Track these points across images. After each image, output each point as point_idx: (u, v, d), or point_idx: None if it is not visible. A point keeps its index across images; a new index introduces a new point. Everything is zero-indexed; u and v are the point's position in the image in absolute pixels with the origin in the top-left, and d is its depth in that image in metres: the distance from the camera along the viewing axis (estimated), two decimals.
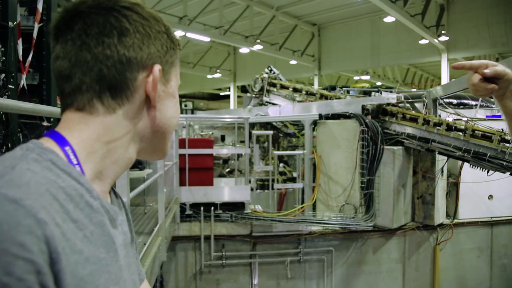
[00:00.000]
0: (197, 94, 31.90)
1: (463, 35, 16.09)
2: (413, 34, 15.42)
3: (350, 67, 20.72)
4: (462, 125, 5.56)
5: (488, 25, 15.47)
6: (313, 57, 20.72)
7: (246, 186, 5.68)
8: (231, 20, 16.91)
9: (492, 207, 6.67)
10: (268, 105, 7.72)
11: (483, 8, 15.53)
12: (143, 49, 0.71)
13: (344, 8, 17.56)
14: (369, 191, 5.75)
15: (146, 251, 3.38)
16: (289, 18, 19.10)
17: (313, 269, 6.20)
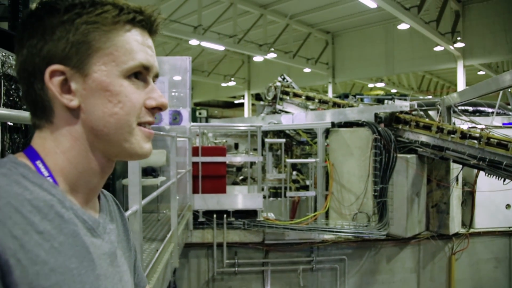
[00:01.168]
0: (211, 102, 32.14)
1: (480, 42, 15.89)
2: (428, 41, 15.28)
3: (364, 74, 20.62)
4: (477, 133, 5.50)
5: (505, 31, 15.25)
6: (327, 65, 20.70)
7: (259, 194, 5.70)
8: (245, 29, 17.06)
9: (510, 217, 6.55)
10: (281, 113, 7.76)
11: (499, 14, 15.33)
12: (39, 52, 0.65)
13: (358, 16, 17.54)
14: (382, 199, 5.71)
15: (158, 258, 3.43)
16: (303, 26, 19.17)
17: (325, 277, 6.16)
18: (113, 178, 5.03)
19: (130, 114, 0.68)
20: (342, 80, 21.68)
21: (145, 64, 0.70)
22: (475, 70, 19.13)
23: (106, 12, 0.66)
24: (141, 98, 0.70)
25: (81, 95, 0.66)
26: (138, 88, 0.70)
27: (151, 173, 5.25)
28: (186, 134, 5.77)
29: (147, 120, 0.71)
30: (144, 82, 0.71)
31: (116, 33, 0.67)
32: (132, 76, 0.69)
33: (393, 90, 23.23)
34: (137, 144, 0.70)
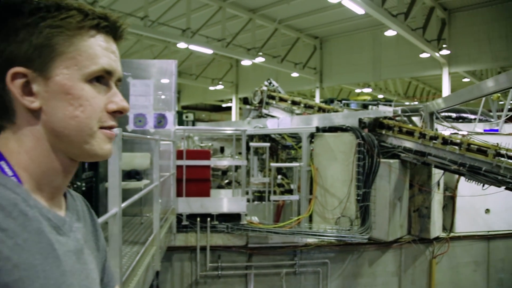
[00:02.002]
0: (199, 106, 32.09)
1: (464, 49, 16.19)
2: (414, 47, 15.53)
3: (352, 80, 20.83)
4: (458, 139, 5.61)
5: (489, 39, 15.57)
6: (315, 70, 20.87)
7: (243, 198, 5.73)
8: (233, 33, 17.12)
9: (489, 221, 6.67)
10: (267, 118, 7.80)
11: (484, 23, 15.66)
12: (1, 54, 0.66)
13: (346, 21, 17.74)
14: (365, 203, 5.78)
15: (139, 261, 3.42)
16: (291, 31, 19.30)
17: (308, 281, 6.20)
18: (96, 181, 5.01)
19: (91, 118, 0.70)
20: (330, 85, 21.88)
21: (108, 68, 0.71)
22: (460, 77, 19.47)
23: (71, 17, 0.68)
24: (102, 102, 0.72)
25: (43, 97, 0.67)
26: (100, 92, 0.71)
27: (134, 176, 5.23)
28: (170, 137, 5.77)
29: (109, 125, 0.73)
30: (106, 86, 0.73)
31: (80, 38, 0.69)
32: (94, 81, 0.70)
33: (380, 95, 23.49)
34: (98, 145, 0.72)
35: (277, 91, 8.15)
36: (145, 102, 5.76)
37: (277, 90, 8.16)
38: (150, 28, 14.49)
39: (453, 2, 16.00)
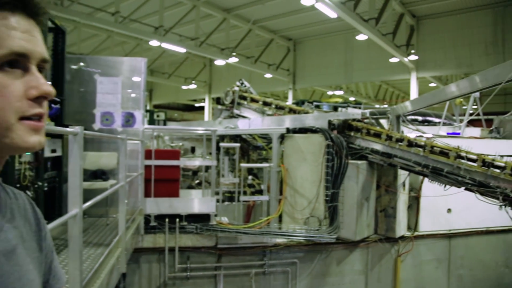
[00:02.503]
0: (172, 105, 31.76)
1: (431, 55, 16.74)
2: (385, 52, 15.92)
3: (324, 82, 21.14)
4: (422, 142, 5.78)
5: (454, 47, 16.18)
6: (288, 71, 21.05)
7: (212, 198, 5.71)
8: (207, 32, 17.05)
9: (450, 220, 6.92)
10: (238, 118, 7.81)
11: (449, 31, 16.24)
12: None
13: (319, 24, 17.99)
14: (333, 204, 5.87)
15: (102, 263, 3.36)
16: (266, 32, 19.40)
17: (277, 281, 6.24)
18: (60, 181, 4.88)
19: (5, 110, 0.62)
20: (303, 87, 22.12)
21: (19, 51, 0.63)
22: (427, 82, 20.10)
23: None
24: (19, 90, 0.64)
25: None
26: (16, 78, 0.64)
27: (100, 176, 5.13)
28: (139, 136, 5.69)
29: (34, 113, 0.66)
30: (24, 70, 0.65)
31: None
32: (5, 66, 0.63)
33: (351, 98, 23.93)
34: (20, 138, 0.65)
35: (248, 91, 8.18)
36: (112, 100, 5.65)
37: (248, 91, 8.19)
38: (122, 24, 14.25)
39: (421, 9, 16.51)
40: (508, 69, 4.51)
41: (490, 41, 15.46)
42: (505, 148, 6.03)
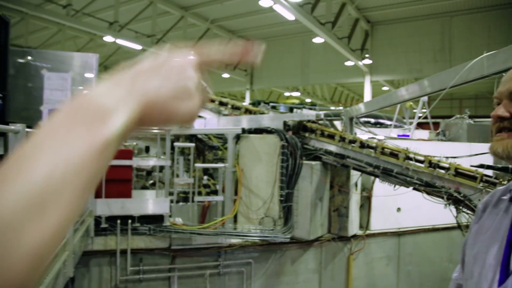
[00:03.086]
0: None
1: (384, 60, 17.39)
2: (340, 55, 16.33)
3: (281, 83, 21.39)
4: (374, 143, 5.97)
5: (405, 52, 16.89)
6: (246, 72, 21.11)
7: (166, 199, 5.61)
8: (164, 29, 16.74)
9: (399, 219, 7.21)
10: None
11: (401, 37, 16.95)
12: None
13: (277, 26, 18.16)
14: (287, 204, 5.94)
15: (47, 267, 3.19)
16: (224, 32, 19.35)
17: (232, 281, 6.23)
18: None
19: None
20: (260, 87, 22.26)
21: None
22: (380, 85, 20.84)
23: None
24: None
25: None
26: None
27: None
28: None
29: None
30: None
31: None
32: None
33: (307, 99, 24.37)
34: None
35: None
36: (61, 97, 5.40)
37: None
38: (74, 18, 13.67)
39: (375, 16, 17.09)
40: (451, 75, 4.75)
41: (438, 48, 16.28)
42: (450, 150, 6.34)
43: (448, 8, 15.62)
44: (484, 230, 1.26)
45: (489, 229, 1.24)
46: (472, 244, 1.29)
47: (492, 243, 1.19)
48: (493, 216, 1.27)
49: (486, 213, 1.31)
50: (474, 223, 1.35)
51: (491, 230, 1.23)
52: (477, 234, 1.29)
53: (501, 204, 1.26)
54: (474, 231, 1.31)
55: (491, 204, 1.32)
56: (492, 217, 1.27)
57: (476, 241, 1.28)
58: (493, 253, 1.17)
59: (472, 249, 1.27)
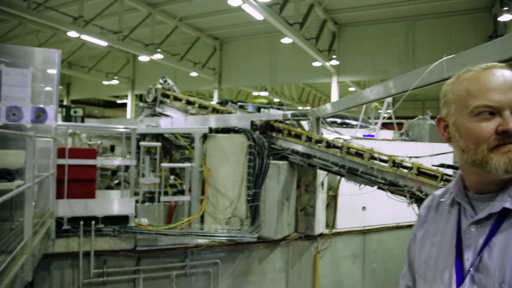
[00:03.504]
0: (92, 101, 30.06)
1: (351, 61, 17.76)
2: (308, 56, 16.53)
3: (249, 82, 21.43)
4: (339, 143, 6.07)
5: (371, 54, 17.31)
6: (214, 71, 21.00)
7: (131, 199, 5.49)
8: (131, 26, 16.40)
9: (365, 217, 7.37)
10: (161, 116, 7.61)
11: (367, 39, 17.36)
12: None
13: (246, 25, 18.18)
14: (255, 203, 5.95)
15: (3, 271, 3.05)
16: (192, 30, 19.17)
17: (199, 282, 6.18)
18: None
19: None
20: (228, 87, 22.21)
21: None
22: (347, 86, 21.25)
23: None
24: None
25: None
26: None
27: (5, 176, 4.67)
28: (51, 134, 5.28)
29: None
30: None
31: None
32: None
33: (276, 99, 24.52)
34: None
35: (172, 89, 8.00)
36: (21, 93, 5.18)
37: (172, 89, 8.00)
38: (35, 11, 13.15)
39: (342, 18, 17.41)
40: (414, 77, 4.89)
41: (402, 51, 16.78)
42: (413, 150, 6.54)
43: (412, 12, 16.12)
44: (430, 235, 1.29)
45: (436, 233, 1.27)
46: (420, 249, 1.31)
47: (441, 246, 1.22)
48: (437, 221, 1.30)
49: (429, 218, 1.34)
50: (418, 229, 1.36)
51: (438, 235, 1.26)
52: (424, 239, 1.31)
53: (441, 207, 1.30)
54: (420, 236, 1.33)
55: (432, 208, 1.34)
56: (436, 221, 1.30)
57: (424, 245, 1.30)
58: (444, 256, 1.20)
59: (421, 255, 1.29)
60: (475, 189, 1.19)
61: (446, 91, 1.22)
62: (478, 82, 1.13)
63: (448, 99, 1.20)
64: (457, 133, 1.15)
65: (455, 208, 1.24)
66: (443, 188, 1.37)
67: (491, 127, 1.08)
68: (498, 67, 1.15)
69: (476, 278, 1.09)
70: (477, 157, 1.10)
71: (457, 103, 1.16)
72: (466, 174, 1.21)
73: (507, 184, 1.12)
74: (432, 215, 1.33)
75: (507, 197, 1.10)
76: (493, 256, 1.07)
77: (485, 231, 1.12)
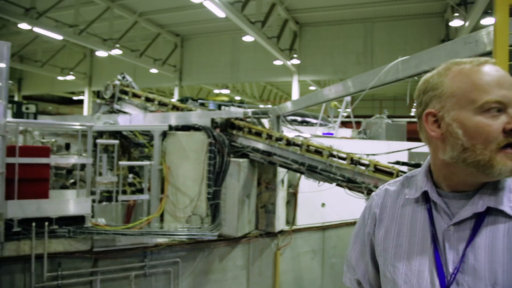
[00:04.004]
0: (46, 97, 28.79)
1: (311, 61, 18.04)
2: (269, 54, 16.63)
3: (211, 80, 21.30)
4: (299, 141, 6.16)
5: (331, 54, 17.67)
6: (175, 68, 20.69)
7: (87, 199, 5.32)
8: (88, 20, 15.84)
9: (324, 214, 7.53)
10: (119, 113, 7.41)
11: (327, 39, 17.70)
12: None
13: (208, 22, 18.02)
14: (215, 201, 5.93)
15: None
16: (152, 25, 18.77)
17: (159, 281, 6.09)
18: None
19: None
20: (189, 84, 21.98)
21: None
22: (307, 85, 21.57)
23: None
24: None
25: None
26: None
27: None
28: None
29: None
30: None
31: None
32: None
33: (237, 97, 24.52)
34: None
35: (130, 86, 7.81)
36: None
37: (130, 85, 7.82)
38: None
39: (303, 17, 17.64)
40: (371, 77, 5.05)
41: (361, 52, 17.24)
42: (370, 147, 6.73)
43: (370, 14, 16.59)
44: (391, 235, 1.19)
45: (400, 233, 1.17)
46: (384, 251, 1.20)
47: (412, 248, 1.13)
48: (398, 219, 1.20)
49: (386, 216, 1.24)
50: (378, 229, 1.25)
51: (404, 235, 1.16)
52: (385, 240, 1.20)
53: (401, 204, 1.21)
54: (381, 236, 1.22)
55: (387, 206, 1.25)
56: (396, 220, 1.20)
57: (387, 247, 1.19)
58: (417, 258, 1.11)
59: (386, 256, 1.19)
60: (451, 188, 1.11)
61: (438, 83, 1.09)
62: (485, 76, 1.03)
63: (443, 92, 1.07)
64: (460, 130, 1.03)
65: (422, 206, 1.15)
66: (392, 183, 1.29)
67: (500, 125, 1.00)
68: (492, 62, 1.07)
69: (461, 280, 1.03)
70: (483, 158, 1.00)
71: (459, 96, 1.04)
72: (448, 172, 1.10)
73: (485, 183, 1.07)
74: (389, 213, 1.22)
75: (489, 196, 1.05)
76: (480, 257, 1.02)
77: (464, 231, 1.06)
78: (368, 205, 1.34)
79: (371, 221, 1.28)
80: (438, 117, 1.08)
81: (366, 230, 1.31)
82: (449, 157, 1.06)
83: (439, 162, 1.11)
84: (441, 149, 1.08)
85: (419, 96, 1.14)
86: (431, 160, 1.17)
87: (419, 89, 1.15)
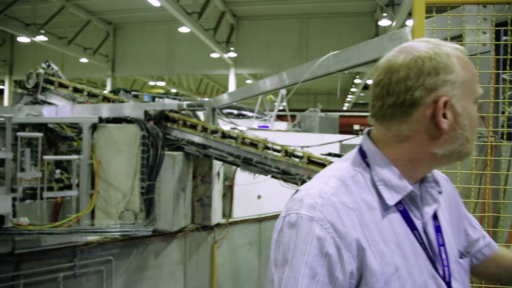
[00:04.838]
0: None
1: (248, 54, 18.16)
2: (206, 47, 16.47)
3: (146, 71, 20.68)
4: (235, 134, 6.18)
5: (268, 48, 17.92)
6: (107, 58, 19.79)
7: (6, 197, 4.92)
8: (6, 2, 14.57)
9: (260, 206, 7.64)
10: (44, 105, 6.92)
11: (264, 33, 17.92)
12: None
13: (142, 11, 17.42)
14: (149, 196, 5.77)
15: None
16: (82, 12, 17.75)
17: (91, 281, 5.82)
18: None
19: None
20: (123, 75, 21.18)
21: None
22: (244, 78, 21.70)
23: None
24: None
25: None
26: None
27: None
28: None
29: None
30: None
31: None
32: None
33: (173, 90, 24.05)
34: None
35: (56, 75, 7.31)
36: None
37: (56, 75, 7.31)
38: None
39: (241, 10, 17.69)
40: (304, 70, 5.17)
41: (296, 46, 17.67)
42: (304, 140, 6.92)
43: (306, 10, 17.04)
44: (387, 260, 0.93)
45: (394, 252, 0.93)
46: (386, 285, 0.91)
47: (409, 262, 0.94)
48: (373, 226, 0.94)
49: (371, 238, 0.93)
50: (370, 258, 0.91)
51: (390, 243, 0.94)
52: (385, 268, 0.92)
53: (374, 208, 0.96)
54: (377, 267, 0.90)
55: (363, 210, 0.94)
56: (371, 227, 0.93)
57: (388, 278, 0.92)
58: (417, 271, 0.95)
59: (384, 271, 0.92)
60: (414, 179, 1.00)
61: (451, 66, 0.92)
62: (473, 67, 0.98)
63: (458, 77, 0.92)
64: (467, 120, 0.93)
65: (391, 209, 0.96)
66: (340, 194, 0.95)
67: None
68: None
69: (454, 273, 1.02)
70: (471, 148, 0.97)
71: (465, 86, 0.93)
72: (425, 165, 0.99)
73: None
74: (373, 231, 0.93)
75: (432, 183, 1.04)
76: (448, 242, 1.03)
77: (429, 220, 1.01)
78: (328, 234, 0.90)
79: (350, 254, 0.89)
80: (447, 106, 0.91)
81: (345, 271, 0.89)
82: (447, 151, 0.95)
83: (424, 156, 0.96)
84: (438, 143, 0.94)
85: (418, 76, 0.90)
86: (408, 154, 0.96)
87: (415, 66, 0.91)
